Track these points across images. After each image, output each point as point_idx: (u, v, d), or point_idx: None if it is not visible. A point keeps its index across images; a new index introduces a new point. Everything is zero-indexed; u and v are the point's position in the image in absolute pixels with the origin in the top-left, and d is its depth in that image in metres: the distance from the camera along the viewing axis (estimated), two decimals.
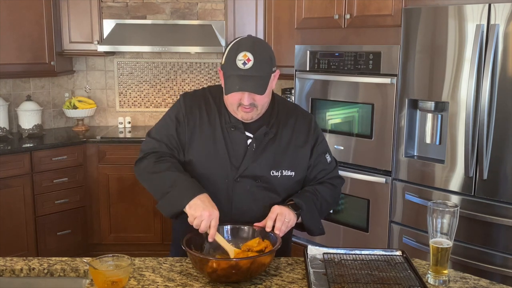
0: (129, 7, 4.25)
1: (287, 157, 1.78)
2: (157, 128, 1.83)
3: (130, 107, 4.65)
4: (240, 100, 1.68)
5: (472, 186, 2.68)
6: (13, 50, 3.84)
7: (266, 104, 1.76)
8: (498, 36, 2.51)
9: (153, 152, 1.77)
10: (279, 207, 1.68)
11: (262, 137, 1.75)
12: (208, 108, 1.79)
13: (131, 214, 4.07)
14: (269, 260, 1.54)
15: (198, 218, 1.57)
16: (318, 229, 1.81)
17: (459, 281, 1.57)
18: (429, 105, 2.85)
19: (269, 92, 1.72)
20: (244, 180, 1.74)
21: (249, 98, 1.67)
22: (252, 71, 1.63)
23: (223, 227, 1.67)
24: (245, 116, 1.72)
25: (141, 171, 1.78)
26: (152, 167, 1.73)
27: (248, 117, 1.72)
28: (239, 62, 1.64)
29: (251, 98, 1.67)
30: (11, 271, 1.63)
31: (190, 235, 1.61)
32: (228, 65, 1.67)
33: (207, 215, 1.57)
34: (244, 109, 1.70)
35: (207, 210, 1.57)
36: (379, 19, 3.06)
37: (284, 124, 1.80)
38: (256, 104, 1.69)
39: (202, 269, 1.52)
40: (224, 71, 1.69)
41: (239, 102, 1.68)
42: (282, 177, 1.76)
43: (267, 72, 1.68)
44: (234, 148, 1.75)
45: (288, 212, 1.67)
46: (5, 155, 3.61)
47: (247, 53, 1.64)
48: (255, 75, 1.64)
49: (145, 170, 1.75)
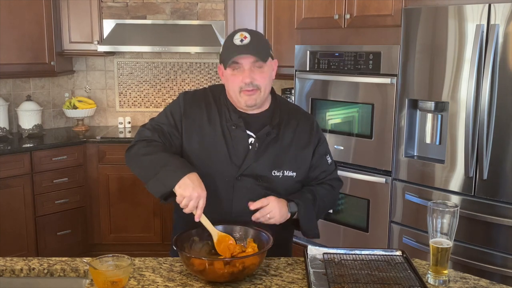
0: (129, 7, 4.25)
1: (288, 157, 1.77)
2: (152, 121, 1.84)
3: (130, 107, 4.65)
4: (241, 81, 1.68)
5: (472, 186, 2.68)
6: (13, 50, 3.84)
7: (268, 88, 1.75)
8: (498, 36, 2.51)
9: (144, 139, 1.76)
10: (274, 200, 1.68)
11: (264, 137, 1.75)
12: (208, 107, 1.79)
13: (131, 214, 4.07)
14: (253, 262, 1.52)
15: (187, 198, 1.56)
16: (313, 232, 1.81)
17: (459, 281, 1.57)
18: (429, 105, 2.85)
19: (269, 76, 1.73)
20: (245, 179, 1.73)
21: (249, 75, 1.67)
22: (249, 46, 1.66)
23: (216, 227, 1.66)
24: (248, 101, 1.71)
25: (131, 155, 1.75)
26: (143, 150, 1.71)
27: (252, 100, 1.71)
28: (236, 40, 1.67)
29: (251, 77, 1.67)
30: (11, 271, 1.63)
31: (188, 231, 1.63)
32: (225, 48, 1.69)
33: (195, 195, 1.56)
34: (247, 92, 1.69)
35: (196, 191, 1.56)
36: (379, 19, 3.06)
37: (286, 125, 1.80)
38: (258, 84, 1.69)
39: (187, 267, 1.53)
40: (223, 57, 1.71)
41: (241, 84, 1.68)
42: (284, 178, 1.76)
43: (265, 50, 1.70)
44: (235, 146, 1.74)
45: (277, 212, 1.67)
46: (5, 155, 3.61)
47: (244, 33, 1.69)
48: (254, 48, 1.66)
49: (136, 154, 1.73)
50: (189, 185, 1.57)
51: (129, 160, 1.76)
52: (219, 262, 1.47)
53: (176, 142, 1.77)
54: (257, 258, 1.52)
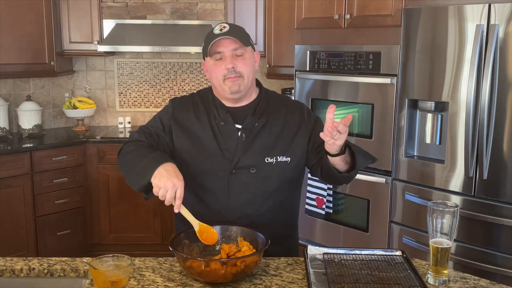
0: (129, 7, 4.25)
1: (280, 143, 1.78)
2: (142, 126, 1.87)
3: (130, 107, 4.65)
4: (224, 68, 1.72)
5: (472, 186, 2.68)
6: (13, 50, 3.84)
7: (251, 76, 1.78)
8: (498, 36, 2.51)
9: (131, 141, 1.80)
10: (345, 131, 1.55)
11: (251, 127, 1.77)
12: (196, 109, 1.82)
13: (131, 214, 4.07)
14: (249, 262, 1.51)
15: (163, 189, 1.53)
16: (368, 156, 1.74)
17: (459, 281, 1.57)
18: (429, 105, 2.85)
19: (251, 64, 1.77)
20: (240, 172, 1.74)
21: (231, 60, 1.71)
22: (229, 33, 1.71)
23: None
24: (232, 86, 1.74)
25: (118, 158, 1.79)
26: (127, 149, 1.75)
27: (235, 86, 1.74)
28: (216, 30, 1.74)
29: (233, 62, 1.71)
30: (11, 271, 1.64)
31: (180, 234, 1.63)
32: (206, 40, 1.76)
33: (170, 185, 1.52)
34: (231, 79, 1.73)
35: (171, 180, 1.52)
36: (379, 19, 3.06)
37: (275, 113, 1.82)
38: (240, 71, 1.72)
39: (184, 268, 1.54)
40: (204, 48, 1.77)
41: (224, 72, 1.72)
42: (278, 163, 1.76)
43: (245, 38, 1.75)
44: (225, 141, 1.76)
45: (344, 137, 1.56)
46: (5, 155, 3.61)
47: (223, 23, 1.76)
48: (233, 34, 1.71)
49: (121, 155, 1.77)
50: (164, 175, 1.54)
51: (118, 162, 1.80)
52: (216, 262, 1.48)
53: (164, 142, 1.80)
54: (255, 257, 1.52)
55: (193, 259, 1.52)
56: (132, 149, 1.73)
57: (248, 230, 1.67)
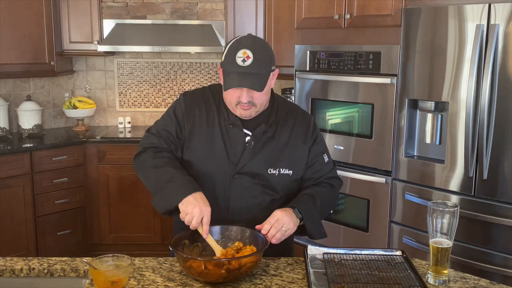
0: (129, 7, 4.25)
1: (285, 155, 1.78)
2: (156, 125, 1.85)
3: (130, 107, 4.65)
4: (238, 97, 1.69)
5: (472, 186, 2.68)
6: (13, 50, 3.84)
7: (265, 102, 1.76)
8: (498, 36, 2.51)
9: (151, 147, 1.78)
10: (280, 213, 1.67)
11: (260, 135, 1.77)
12: (207, 107, 1.80)
13: (131, 214, 4.07)
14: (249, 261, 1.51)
15: (189, 215, 1.58)
16: (320, 233, 1.80)
17: (459, 281, 1.57)
18: (429, 105, 2.85)
19: (267, 91, 1.73)
20: (242, 177, 1.75)
21: (247, 95, 1.67)
22: (251, 68, 1.64)
23: (212, 228, 1.67)
24: (243, 114, 1.73)
25: (139, 164, 1.79)
26: (150, 161, 1.74)
27: (247, 114, 1.73)
28: (238, 59, 1.65)
29: (249, 96, 1.68)
30: (11, 271, 1.64)
31: (180, 234, 1.63)
32: (228, 62, 1.67)
33: (198, 211, 1.57)
34: (243, 107, 1.70)
35: (198, 207, 1.58)
36: (379, 19, 3.06)
37: (283, 124, 1.81)
38: (255, 102, 1.70)
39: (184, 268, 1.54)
40: (224, 68, 1.70)
41: (238, 100, 1.69)
42: (280, 176, 1.77)
43: (266, 70, 1.68)
44: (232, 145, 1.76)
45: (288, 221, 1.66)
46: (5, 155, 3.61)
47: (247, 51, 1.65)
48: (254, 72, 1.65)
49: (143, 164, 1.76)
50: (192, 202, 1.59)
51: (137, 169, 1.80)
52: (216, 262, 1.48)
53: (181, 144, 1.80)
54: (254, 257, 1.52)
55: (193, 259, 1.52)
56: (155, 164, 1.71)
57: (248, 230, 1.67)
